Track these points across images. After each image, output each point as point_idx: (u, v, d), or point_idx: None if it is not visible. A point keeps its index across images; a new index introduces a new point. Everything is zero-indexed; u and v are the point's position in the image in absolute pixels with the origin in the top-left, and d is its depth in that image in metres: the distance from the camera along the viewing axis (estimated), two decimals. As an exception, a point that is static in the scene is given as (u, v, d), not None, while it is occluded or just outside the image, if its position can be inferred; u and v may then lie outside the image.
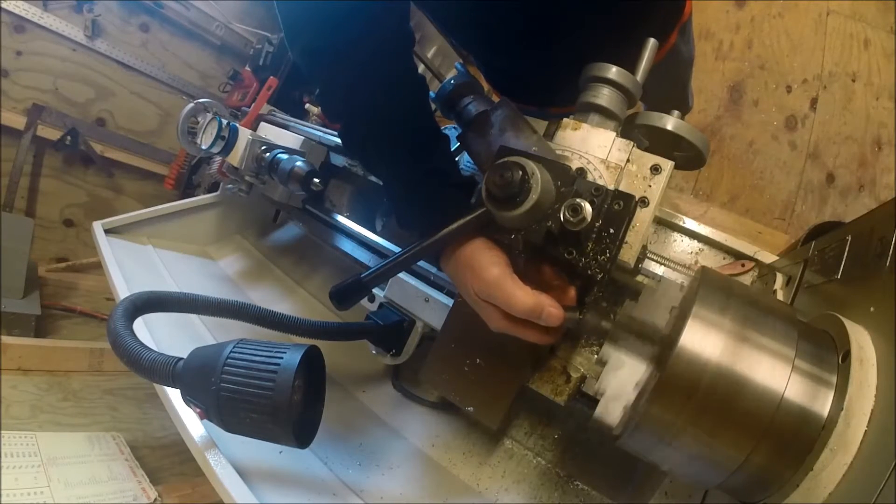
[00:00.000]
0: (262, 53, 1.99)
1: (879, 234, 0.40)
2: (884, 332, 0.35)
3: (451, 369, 0.66)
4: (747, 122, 1.75)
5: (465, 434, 0.80)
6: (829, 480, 0.32)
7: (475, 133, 0.61)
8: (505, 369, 0.63)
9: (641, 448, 0.40)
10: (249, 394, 0.49)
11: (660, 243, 0.78)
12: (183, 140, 1.17)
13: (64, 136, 1.80)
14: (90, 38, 1.81)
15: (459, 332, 0.67)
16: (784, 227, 1.59)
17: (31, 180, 1.83)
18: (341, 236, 1.09)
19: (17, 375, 1.19)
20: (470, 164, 0.86)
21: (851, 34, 1.73)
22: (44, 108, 1.77)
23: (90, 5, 1.78)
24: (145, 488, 0.97)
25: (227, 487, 0.52)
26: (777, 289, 0.63)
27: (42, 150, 1.83)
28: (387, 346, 0.82)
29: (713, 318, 0.37)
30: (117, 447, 1.07)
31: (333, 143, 1.13)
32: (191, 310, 0.67)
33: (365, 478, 0.71)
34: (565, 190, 0.47)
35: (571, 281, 0.51)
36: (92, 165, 1.95)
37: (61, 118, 1.81)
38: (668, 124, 0.57)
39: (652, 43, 0.55)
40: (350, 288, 0.53)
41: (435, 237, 0.49)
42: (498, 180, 0.45)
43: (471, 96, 0.66)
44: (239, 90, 1.91)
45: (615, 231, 0.47)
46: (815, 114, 1.69)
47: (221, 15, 2.02)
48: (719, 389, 0.35)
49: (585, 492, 0.71)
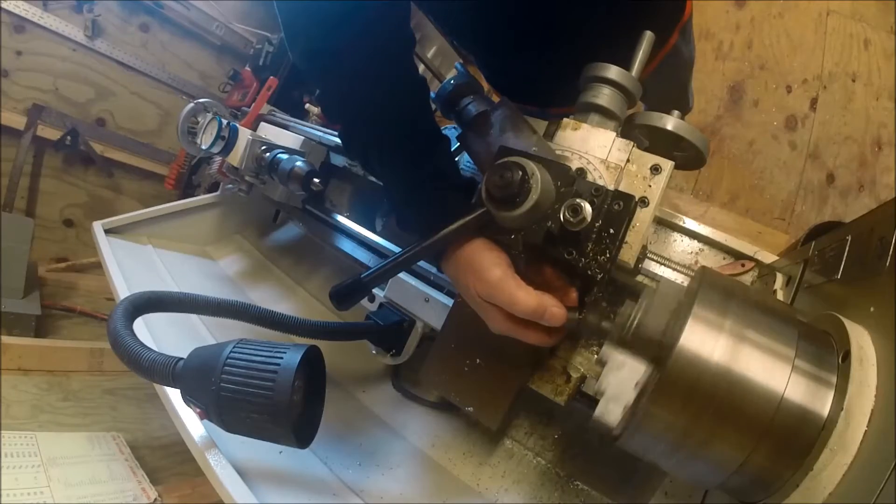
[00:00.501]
0: (262, 53, 1.99)
1: (879, 234, 0.40)
2: (884, 332, 0.35)
3: (450, 370, 0.66)
4: (747, 122, 1.75)
5: (465, 434, 0.80)
6: (829, 480, 0.32)
7: (475, 133, 0.61)
8: (505, 370, 0.63)
9: (641, 448, 0.40)
10: (249, 394, 0.49)
11: (660, 243, 0.78)
12: (183, 140, 1.17)
13: (64, 136, 1.80)
14: (90, 38, 1.81)
15: (459, 333, 0.67)
16: (784, 227, 1.59)
17: (31, 180, 1.83)
18: (341, 236, 1.09)
19: (17, 375, 1.19)
20: (470, 164, 0.86)
21: (851, 34, 1.73)
22: (44, 108, 1.77)
23: (90, 5, 1.78)
24: (145, 488, 0.97)
25: (227, 487, 0.52)
26: (777, 289, 0.63)
27: (42, 150, 1.83)
28: (387, 346, 0.82)
29: (713, 319, 0.37)
30: (117, 447, 1.07)
31: (333, 143, 1.13)
32: (191, 310, 0.67)
33: (365, 478, 0.71)
34: (565, 190, 0.47)
35: (571, 282, 0.51)
36: (92, 165, 1.95)
37: (61, 118, 1.81)
38: (668, 124, 0.57)
39: (648, 36, 0.55)
40: (350, 288, 0.53)
41: (434, 238, 0.49)
42: (498, 181, 0.45)
43: (471, 96, 0.66)
44: (239, 90, 1.91)
45: (615, 231, 0.47)
46: (815, 114, 1.69)
47: (221, 15, 2.02)
48: (719, 389, 0.35)
49: (585, 492, 0.71)
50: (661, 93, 0.95)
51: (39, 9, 1.69)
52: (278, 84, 1.39)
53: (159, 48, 2.01)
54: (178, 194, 1.98)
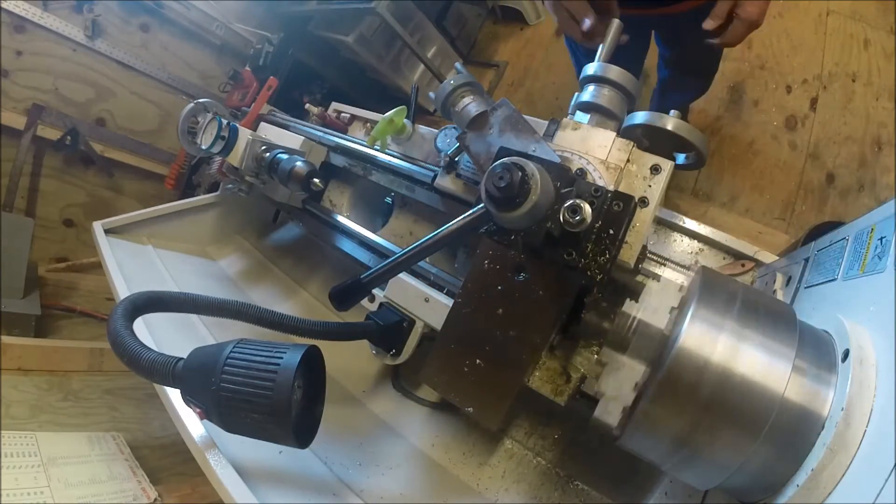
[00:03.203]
0: (262, 53, 1.99)
1: (879, 234, 0.40)
2: (884, 332, 0.35)
3: (450, 370, 0.66)
4: (747, 122, 1.75)
5: (465, 434, 0.80)
6: (829, 480, 0.32)
7: (475, 133, 0.61)
8: (505, 370, 0.63)
9: (641, 448, 0.40)
10: (249, 394, 0.49)
11: (660, 243, 0.78)
12: (183, 140, 1.17)
13: (64, 136, 1.80)
14: (90, 38, 1.81)
15: (459, 333, 0.66)
16: (784, 227, 1.59)
17: (31, 180, 1.83)
18: (341, 236, 1.09)
19: (17, 375, 1.19)
20: (469, 164, 0.86)
21: (851, 34, 1.74)
22: (44, 108, 1.77)
23: (90, 5, 1.78)
24: (145, 488, 0.97)
25: (227, 487, 0.53)
26: (777, 289, 0.63)
27: (42, 150, 1.83)
28: (387, 346, 0.82)
29: (713, 318, 0.37)
30: (117, 447, 1.07)
31: (333, 143, 1.13)
32: (191, 310, 0.67)
33: (365, 478, 0.71)
34: (565, 191, 0.47)
35: (572, 280, 0.51)
36: (92, 165, 1.95)
37: (61, 118, 1.81)
38: (668, 124, 0.57)
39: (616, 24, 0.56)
40: (350, 289, 0.53)
41: (433, 239, 0.49)
42: (497, 182, 0.45)
43: (471, 97, 0.66)
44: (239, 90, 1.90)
45: (615, 232, 0.47)
46: (815, 114, 1.69)
47: (221, 15, 2.02)
48: (719, 389, 0.35)
49: (585, 492, 0.71)
50: (701, 48, 0.94)
51: (39, 9, 1.69)
52: (278, 84, 1.38)
53: (159, 48, 2.01)
54: (178, 194, 1.98)
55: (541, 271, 0.54)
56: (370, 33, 2.00)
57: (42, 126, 1.76)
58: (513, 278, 0.56)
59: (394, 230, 1.09)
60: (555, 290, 0.54)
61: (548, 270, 0.54)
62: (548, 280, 0.54)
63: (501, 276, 0.57)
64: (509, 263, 0.56)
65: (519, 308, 0.56)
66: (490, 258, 0.58)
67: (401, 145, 1.06)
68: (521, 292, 0.56)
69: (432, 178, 0.89)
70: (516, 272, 0.56)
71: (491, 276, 0.58)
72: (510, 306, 0.57)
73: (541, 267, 0.54)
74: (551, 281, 0.54)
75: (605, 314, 0.50)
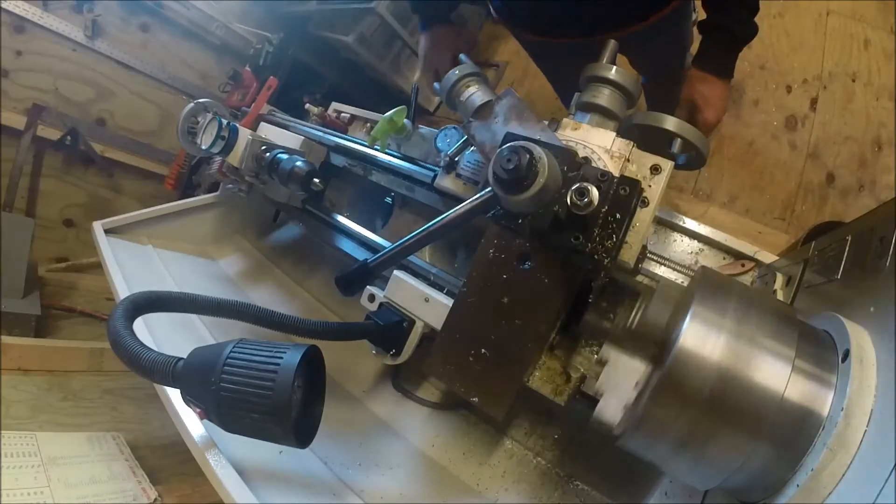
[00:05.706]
0: (262, 53, 1.99)
1: (879, 234, 0.40)
2: (884, 332, 0.35)
3: (455, 360, 0.65)
4: (747, 122, 1.75)
5: (465, 434, 0.80)
6: (829, 480, 0.32)
7: (480, 122, 0.61)
8: (510, 360, 0.63)
9: (641, 448, 0.40)
10: (249, 394, 0.49)
11: (660, 243, 0.78)
12: (183, 140, 1.17)
13: (64, 136, 1.80)
14: (90, 38, 1.81)
15: (464, 323, 0.66)
16: (784, 227, 1.59)
17: (31, 180, 1.83)
18: (341, 236, 1.08)
19: (17, 375, 1.19)
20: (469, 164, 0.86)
21: (851, 34, 1.74)
22: (44, 108, 1.77)
23: (90, 5, 1.78)
24: (145, 488, 0.97)
25: (227, 487, 0.53)
26: (777, 289, 0.63)
27: (42, 150, 1.83)
28: (387, 346, 0.82)
29: (713, 318, 0.37)
30: (117, 447, 1.07)
31: (333, 143, 1.13)
32: (191, 310, 0.66)
33: (365, 478, 0.71)
34: (572, 175, 0.47)
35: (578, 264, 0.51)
36: (92, 165, 1.95)
37: (61, 118, 1.81)
38: (668, 124, 0.57)
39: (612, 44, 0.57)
40: (355, 273, 0.53)
41: (440, 223, 0.50)
42: (505, 164, 0.45)
43: (475, 86, 0.66)
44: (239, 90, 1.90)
45: (622, 216, 0.47)
46: (815, 114, 1.69)
47: (221, 15, 2.02)
48: (719, 389, 0.35)
49: (585, 492, 0.71)
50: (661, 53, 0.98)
51: (39, 9, 1.69)
52: (278, 84, 1.38)
53: (159, 48, 2.01)
54: (178, 194, 1.97)
55: (546, 260, 0.54)
56: (370, 33, 2.00)
57: (42, 126, 1.76)
58: (518, 267, 0.56)
59: (394, 230, 1.09)
60: (560, 278, 0.54)
61: (552, 259, 0.54)
62: (553, 268, 0.54)
63: (507, 265, 0.57)
64: (514, 252, 0.56)
65: (524, 297, 0.56)
66: (495, 247, 0.58)
67: (401, 145, 1.06)
68: (526, 281, 0.56)
69: (432, 178, 0.89)
70: (521, 261, 0.56)
71: (496, 266, 0.57)
72: (515, 295, 0.57)
73: (546, 255, 0.53)
74: (556, 269, 0.54)
75: (605, 314, 0.50)
